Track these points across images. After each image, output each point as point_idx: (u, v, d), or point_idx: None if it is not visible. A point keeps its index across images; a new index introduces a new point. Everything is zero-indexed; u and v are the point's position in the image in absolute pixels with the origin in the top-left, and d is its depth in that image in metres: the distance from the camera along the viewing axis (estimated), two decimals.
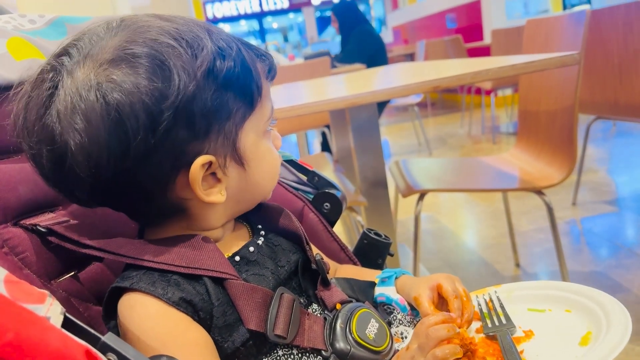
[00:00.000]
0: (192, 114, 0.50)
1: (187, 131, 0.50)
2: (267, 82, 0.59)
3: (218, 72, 0.51)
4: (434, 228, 2.70)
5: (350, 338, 0.55)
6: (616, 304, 0.55)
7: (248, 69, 0.55)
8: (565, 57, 1.26)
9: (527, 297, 0.64)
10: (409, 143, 4.87)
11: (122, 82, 0.47)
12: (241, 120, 0.55)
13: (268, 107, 0.59)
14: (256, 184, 0.60)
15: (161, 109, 0.47)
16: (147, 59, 0.48)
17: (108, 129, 0.47)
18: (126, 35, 0.51)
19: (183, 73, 0.49)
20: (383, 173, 1.72)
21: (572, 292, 0.61)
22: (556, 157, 1.64)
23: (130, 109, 0.47)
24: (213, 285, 0.53)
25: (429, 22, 7.59)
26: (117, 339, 0.38)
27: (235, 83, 0.53)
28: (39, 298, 0.37)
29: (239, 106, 0.54)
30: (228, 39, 0.55)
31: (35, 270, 0.54)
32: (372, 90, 1.28)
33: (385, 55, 4.17)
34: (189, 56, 0.50)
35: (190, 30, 0.52)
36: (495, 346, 0.56)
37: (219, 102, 0.52)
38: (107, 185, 0.50)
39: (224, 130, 0.54)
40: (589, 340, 0.53)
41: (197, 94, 0.49)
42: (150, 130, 0.47)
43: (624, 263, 1.95)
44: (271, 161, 0.61)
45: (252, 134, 0.57)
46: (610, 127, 4.09)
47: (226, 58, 0.52)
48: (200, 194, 0.53)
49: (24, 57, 0.63)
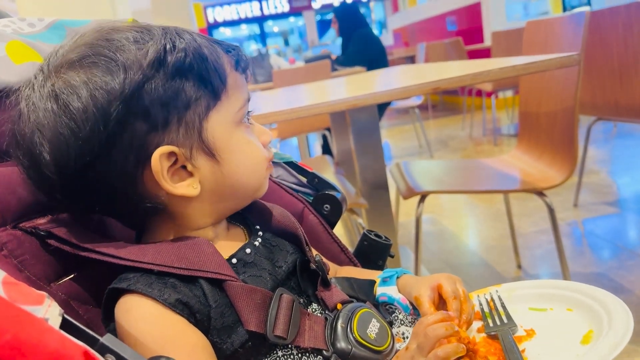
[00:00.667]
0: (144, 104, 0.51)
1: (143, 123, 0.52)
2: (236, 73, 0.59)
3: (168, 61, 0.52)
4: (435, 230, 2.69)
5: (352, 338, 0.55)
6: (618, 302, 0.55)
7: (203, 58, 0.54)
8: (566, 58, 1.26)
9: (529, 296, 0.64)
10: (410, 145, 4.87)
11: (72, 80, 0.51)
12: (205, 111, 0.55)
13: (239, 97, 0.59)
14: (233, 177, 0.59)
15: (109, 101, 0.50)
16: (95, 57, 0.51)
17: (64, 125, 0.50)
18: (85, 40, 0.54)
19: (130, 65, 0.51)
20: (384, 175, 1.72)
21: (573, 290, 0.61)
22: (557, 158, 1.63)
23: (80, 103, 0.50)
24: (210, 287, 0.53)
25: (429, 25, 7.60)
26: (115, 340, 0.38)
27: (189, 72, 0.53)
28: (37, 299, 0.37)
29: (198, 96, 0.54)
30: (184, 34, 0.56)
31: (35, 272, 0.54)
32: (373, 92, 1.29)
33: (386, 59, 4.18)
34: (136, 49, 0.52)
35: (143, 29, 0.55)
36: (497, 346, 0.56)
37: (172, 92, 0.52)
38: (79, 185, 0.52)
39: (185, 121, 0.54)
40: (590, 339, 0.53)
41: (146, 83, 0.51)
42: (101, 123, 0.49)
43: (626, 265, 1.94)
44: (249, 153, 0.60)
45: (221, 125, 0.57)
46: (611, 128, 4.08)
47: (176, 48, 0.53)
48: (167, 186, 0.54)
49: (23, 61, 0.63)
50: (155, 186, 0.54)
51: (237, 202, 0.63)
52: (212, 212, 0.60)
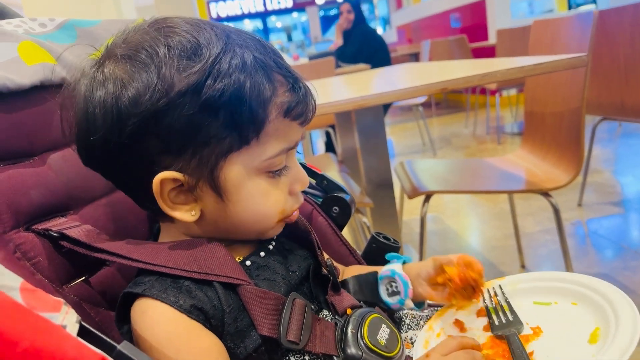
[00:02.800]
0: (162, 127, 0.49)
1: (158, 142, 0.51)
2: (283, 120, 0.54)
3: (202, 94, 0.49)
4: (438, 229, 2.69)
5: (362, 344, 0.55)
6: (621, 295, 0.55)
7: (241, 100, 0.50)
8: (574, 59, 1.26)
9: (532, 289, 0.64)
10: (413, 143, 4.86)
11: (108, 72, 0.51)
12: (225, 152, 0.52)
13: (275, 147, 0.54)
14: (236, 220, 0.56)
15: (129, 113, 0.49)
16: (134, 61, 0.50)
17: (88, 112, 0.52)
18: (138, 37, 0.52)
19: (161, 84, 0.49)
20: (389, 174, 1.72)
21: (576, 283, 0.61)
22: (563, 159, 1.63)
23: (103, 94, 0.50)
24: (224, 290, 0.53)
25: (434, 22, 7.57)
26: (132, 347, 0.38)
27: (220, 110, 0.50)
28: (54, 306, 0.37)
29: (223, 136, 0.51)
30: (239, 55, 0.51)
31: (47, 275, 0.54)
32: (379, 92, 1.28)
33: (388, 55, 4.17)
34: (175, 66, 0.49)
35: (200, 37, 0.51)
36: (505, 346, 0.56)
37: (195, 125, 0.50)
38: (100, 164, 0.55)
39: (200, 155, 0.51)
40: (597, 338, 0.53)
41: (169, 110, 0.49)
42: (117, 130, 0.50)
43: (630, 265, 1.94)
44: (261, 204, 0.56)
45: (239, 169, 0.53)
46: (615, 127, 4.07)
47: (216, 81, 0.49)
48: (164, 207, 0.53)
49: (35, 62, 0.63)
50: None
51: (238, 237, 0.60)
52: (216, 233, 0.59)
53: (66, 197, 0.61)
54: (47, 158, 0.61)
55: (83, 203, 0.63)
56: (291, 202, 0.59)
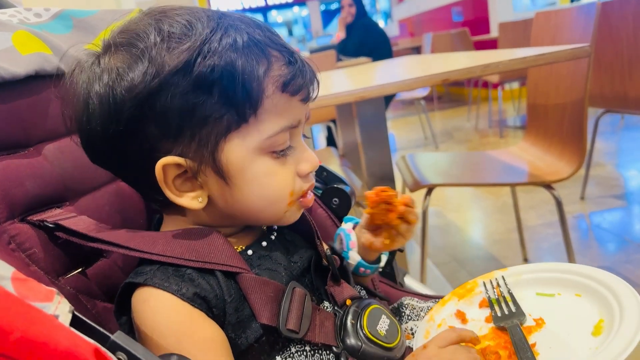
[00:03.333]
0: (158, 110, 0.49)
1: (155, 128, 0.50)
2: (282, 95, 0.52)
3: (193, 71, 0.48)
4: (441, 223, 2.68)
5: (362, 334, 0.55)
6: (625, 287, 0.54)
7: (233, 75, 0.49)
8: (576, 49, 1.25)
9: (536, 280, 0.63)
10: (416, 137, 4.85)
11: (103, 64, 0.51)
12: (224, 132, 0.51)
13: (275, 124, 0.53)
14: (243, 204, 0.55)
15: (124, 100, 0.49)
16: (129, 47, 0.50)
17: (86, 102, 0.52)
18: (133, 24, 0.53)
19: (152, 66, 0.48)
20: (390, 168, 1.71)
21: (580, 275, 0.60)
22: (565, 151, 1.62)
23: (101, 89, 0.50)
24: (225, 280, 0.53)
25: (435, 15, 7.54)
26: (126, 337, 0.37)
27: (213, 87, 0.49)
28: (46, 296, 0.36)
29: (220, 115, 0.50)
30: (232, 33, 0.50)
31: (43, 266, 0.53)
32: (381, 83, 1.27)
33: (389, 48, 4.15)
34: (165, 48, 0.49)
35: (194, 18, 0.51)
36: (507, 338, 0.55)
37: (188, 104, 0.49)
38: (105, 155, 0.55)
39: (199, 136, 0.51)
40: (601, 330, 0.52)
41: (162, 91, 0.48)
42: (114, 118, 0.50)
43: (633, 258, 1.93)
44: (266, 186, 0.54)
45: (240, 150, 0.52)
46: (618, 120, 4.05)
47: (207, 56, 0.48)
48: (170, 194, 0.53)
49: (29, 51, 0.62)
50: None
51: (247, 223, 0.59)
52: (224, 221, 0.58)
53: (62, 188, 0.60)
54: (43, 149, 0.61)
55: (79, 194, 0.63)
56: (300, 183, 0.57)
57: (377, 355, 0.54)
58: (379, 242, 0.67)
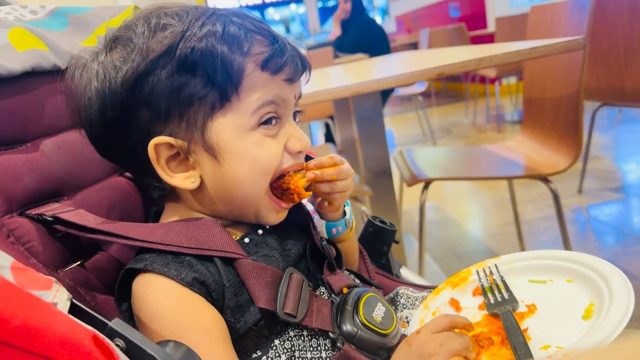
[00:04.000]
0: (146, 93, 0.52)
1: (147, 111, 0.53)
2: (261, 73, 0.54)
3: (176, 54, 0.51)
4: (439, 218, 2.69)
5: (358, 321, 0.56)
6: (615, 271, 0.55)
7: (213, 55, 0.51)
8: (570, 42, 1.25)
9: (528, 267, 0.64)
10: (414, 133, 4.85)
11: (101, 58, 0.54)
12: (210, 111, 0.53)
13: (257, 99, 0.54)
14: (234, 182, 0.56)
15: (117, 87, 0.52)
16: (121, 40, 0.54)
17: (86, 96, 0.55)
18: (129, 20, 0.56)
19: (138, 53, 0.52)
20: (387, 162, 1.72)
21: (572, 261, 0.61)
22: (562, 144, 1.62)
23: (97, 82, 0.53)
24: (224, 266, 0.54)
25: (432, 11, 7.53)
26: (124, 324, 0.38)
27: (195, 68, 0.51)
28: (45, 284, 0.37)
29: (204, 94, 0.52)
30: (216, 20, 0.53)
31: (42, 259, 0.54)
32: (377, 78, 1.28)
33: (387, 44, 4.15)
34: (151, 36, 0.52)
35: (183, 11, 0.54)
36: (500, 324, 0.56)
37: (175, 86, 0.52)
38: (107, 147, 0.58)
39: (187, 116, 0.53)
40: (592, 313, 0.53)
41: (150, 74, 0.51)
42: (109, 104, 0.53)
43: (631, 250, 1.94)
44: (255, 157, 0.56)
45: (228, 127, 0.54)
46: (615, 114, 4.05)
47: (188, 40, 0.51)
48: (163, 174, 0.55)
49: (25, 48, 0.63)
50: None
51: (239, 211, 0.60)
52: (218, 208, 0.59)
53: (60, 183, 0.61)
54: (40, 144, 0.61)
55: (77, 189, 0.63)
56: (289, 159, 0.59)
57: (373, 341, 0.55)
58: (322, 203, 0.68)
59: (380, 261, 0.82)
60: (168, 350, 0.39)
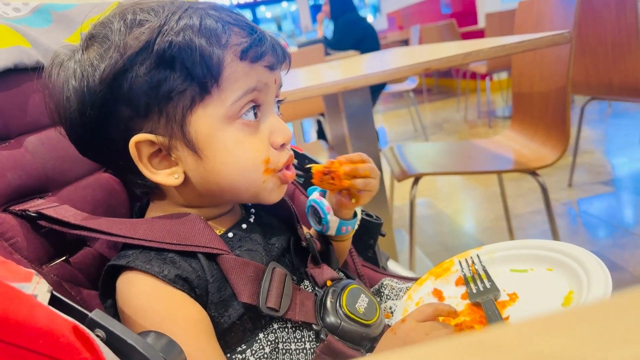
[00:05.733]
0: (125, 90, 0.51)
1: (126, 108, 0.52)
2: (240, 64, 0.54)
3: (154, 49, 0.50)
4: (431, 213, 2.70)
5: (341, 312, 0.56)
6: (593, 258, 0.56)
7: (192, 48, 0.51)
8: (556, 35, 1.26)
9: (509, 257, 0.65)
10: (405, 130, 4.86)
11: (78, 56, 0.54)
12: (189, 104, 0.53)
13: (236, 89, 0.54)
14: (217, 176, 0.56)
15: (96, 86, 0.51)
16: (98, 38, 0.53)
17: (64, 95, 0.54)
18: (104, 17, 0.55)
19: (115, 50, 0.51)
20: (377, 159, 1.72)
21: (551, 250, 0.62)
22: (550, 138, 1.64)
23: (75, 80, 0.53)
24: (207, 262, 0.54)
25: (424, 8, 7.54)
26: (104, 315, 0.38)
27: (174, 62, 0.51)
28: (25, 277, 0.37)
29: (183, 88, 0.52)
30: (192, 14, 0.52)
31: (26, 255, 0.54)
32: (364, 73, 1.28)
33: (376, 42, 4.15)
34: (127, 33, 0.52)
35: (159, 5, 0.53)
36: (482, 313, 0.56)
37: (154, 81, 0.51)
38: (87, 146, 0.57)
39: (166, 112, 0.53)
40: (571, 300, 0.54)
41: (128, 71, 0.51)
42: (88, 103, 0.52)
43: (620, 242, 1.96)
44: (236, 154, 0.55)
45: (207, 120, 0.53)
46: (605, 108, 4.08)
47: (165, 34, 0.50)
48: (145, 171, 0.55)
49: (8, 45, 0.63)
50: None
51: (231, 199, 0.60)
52: (203, 200, 0.59)
53: (44, 179, 0.61)
54: (24, 140, 0.61)
55: (61, 185, 0.64)
56: (276, 154, 0.58)
57: (356, 332, 0.56)
58: (347, 200, 0.67)
59: (367, 254, 0.82)
60: (149, 341, 0.40)
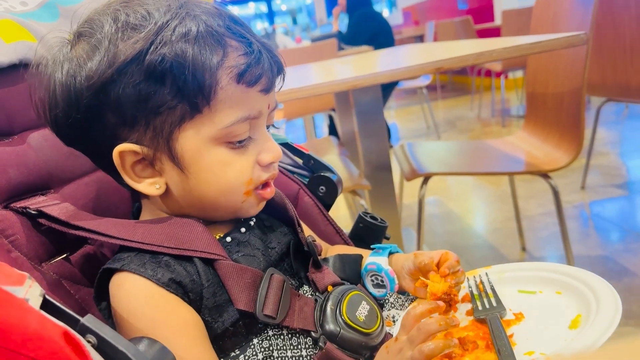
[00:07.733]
0: (112, 99, 0.50)
1: (113, 116, 0.52)
2: (237, 87, 0.52)
3: (145, 61, 0.49)
4: (440, 212, 2.68)
5: (340, 320, 0.55)
6: (606, 286, 0.54)
7: (183, 66, 0.49)
8: (573, 37, 1.23)
9: (518, 278, 0.64)
10: (418, 127, 4.83)
11: (67, 52, 0.53)
12: (178, 121, 0.51)
13: (228, 116, 0.52)
14: (200, 193, 0.55)
15: (82, 89, 0.50)
16: (90, 38, 0.52)
17: (51, 90, 0.53)
18: (95, 14, 0.54)
19: (105, 56, 0.50)
20: (387, 156, 1.71)
21: (562, 273, 0.60)
22: (563, 140, 1.61)
23: (61, 76, 0.52)
24: (204, 266, 0.53)
25: (440, 3, 7.46)
26: (96, 320, 0.38)
27: (164, 77, 0.49)
28: (17, 280, 0.37)
29: (173, 104, 0.50)
30: (189, 22, 0.50)
31: (26, 252, 0.54)
32: (375, 72, 1.27)
33: (391, 37, 4.12)
34: (118, 38, 0.50)
35: (156, 6, 0.51)
36: (486, 329, 0.55)
37: (142, 94, 0.50)
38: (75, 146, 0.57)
39: (153, 125, 0.52)
40: (578, 324, 0.52)
41: (117, 80, 0.49)
42: (74, 105, 0.52)
43: (632, 247, 1.93)
44: (220, 176, 0.54)
45: (195, 139, 0.52)
46: (622, 109, 4.01)
47: (159, 48, 0.48)
48: (127, 178, 0.55)
49: (14, 40, 0.62)
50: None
51: (214, 213, 0.59)
52: (184, 211, 0.58)
53: (46, 176, 0.61)
54: (27, 137, 0.61)
55: (63, 182, 0.63)
56: (259, 171, 0.57)
57: (355, 340, 0.55)
58: (422, 293, 0.62)
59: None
60: (141, 347, 0.39)
